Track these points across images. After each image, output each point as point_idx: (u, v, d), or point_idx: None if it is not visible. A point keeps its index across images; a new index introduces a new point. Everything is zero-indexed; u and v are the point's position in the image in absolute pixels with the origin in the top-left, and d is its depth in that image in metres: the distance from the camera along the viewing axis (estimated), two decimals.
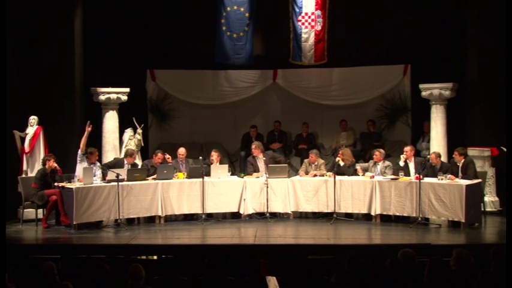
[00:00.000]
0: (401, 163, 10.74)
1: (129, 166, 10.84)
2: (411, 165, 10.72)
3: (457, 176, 10.29)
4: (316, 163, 11.30)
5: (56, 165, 10.49)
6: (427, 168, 10.48)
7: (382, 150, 11.09)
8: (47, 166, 10.43)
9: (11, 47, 11.42)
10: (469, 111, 12.48)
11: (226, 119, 14.06)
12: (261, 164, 11.25)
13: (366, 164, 11.27)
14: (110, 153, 11.85)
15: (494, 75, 11.72)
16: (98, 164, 10.85)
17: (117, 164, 10.85)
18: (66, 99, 12.12)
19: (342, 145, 12.75)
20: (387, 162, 10.98)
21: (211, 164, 11.14)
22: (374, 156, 10.99)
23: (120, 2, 13.48)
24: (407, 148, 10.85)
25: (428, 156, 10.80)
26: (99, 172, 10.62)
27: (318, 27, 12.74)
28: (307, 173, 11.22)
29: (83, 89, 12.48)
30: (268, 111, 14.14)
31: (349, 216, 10.85)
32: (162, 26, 13.54)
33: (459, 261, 5.55)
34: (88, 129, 10.59)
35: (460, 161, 10.44)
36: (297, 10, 12.75)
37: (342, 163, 10.94)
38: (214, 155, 11.30)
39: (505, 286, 5.13)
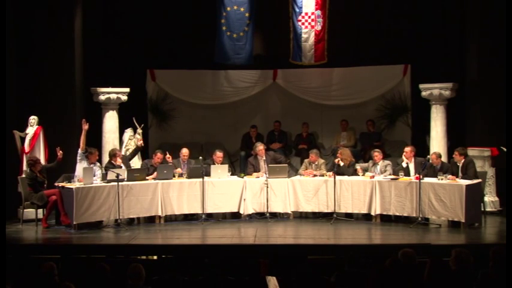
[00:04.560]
0: (404, 164, 10.75)
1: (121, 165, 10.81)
2: (411, 166, 10.73)
3: (457, 176, 10.29)
4: (316, 163, 11.30)
5: (41, 168, 10.50)
6: (427, 168, 10.47)
7: (379, 150, 11.09)
8: (34, 169, 10.44)
9: (11, 47, 11.42)
10: (469, 111, 12.48)
11: (226, 119, 14.05)
12: (262, 164, 11.23)
13: (366, 164, 11.27)
14: None
15: (494, 75, 11.72)
16: (98, 164, 10.86)
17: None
18: (67, 99, 12.12)
19: (341, 145, 12.74)
20: (387, 161, 10.98)
21: (216, 163, 11.13)
22: (374, 157, 10.98)
23: (120, 2, 13.49)
24: (408, 149, 10.84)
25: (428, 157, 10.80)
26: (99, 172, 10.62)
27: (318, 27, 12.74)
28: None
29: (83, 89, 12.49)
30: (268, 111, 14.13)
31: (349, 216, 10.85)
32: (162, 26, 13.53)
33: (459, 261, 5.55)
34: (85, 127, 10.60)
35: (460, 161, 10.44)
36: (297, 10, 12.75)
37: (341, 163, 10.94)
38: (220, 155, 11.27)
39: (505, 286, 5.13)
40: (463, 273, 5.47)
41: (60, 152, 10.54)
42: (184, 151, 11.30)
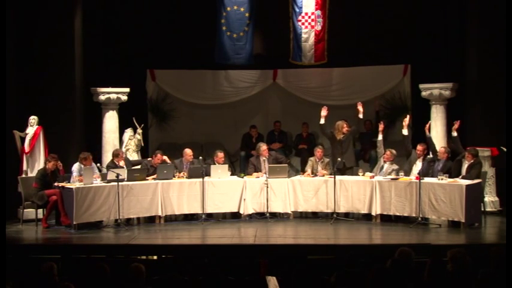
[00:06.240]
0: (405, 131, 10.96)
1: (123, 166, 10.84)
2: (419, 163, 10.66)
3: (458, 176, 10.31)
4: (322, 160, 11.29)
5: (57, 165, 10.50)
6: (428, 162, 10.47)
7: (393, 151, 10.93)
8: (47, 167, 10.44)
9: (11, 47, 11.42)
10: (469, 111, 12.48)
11: (226, 119, 14.04)
12: (264, 165, 11.23)
13: (381, 163, 11.16)
14: (110, 153, 11.82)
15: (494, 75, 11.72)
16: (96, 164, 10.86)
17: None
18: (66, 99, 12.12)
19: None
20: (396, 166, 10.89)
21: (218, 164, 11.13)
22: (385, 155, 10.95)
23: (120, 2, 13.49)
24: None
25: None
26: (97, 171, 10.64)
27: (318, 27, 12.74)
28: (314, 171, 11.16)
29: (83, 89, 12.48)
30: (268, 111, 14.12)
31: (348, 216, 10.84)
32: (162, 26, 13.54)
33: (454, 262, 5.55)
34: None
35: (469, 162, 10.42)
36: (297, 10, 12.74)
37: (338, 137, 11.10)
38: (222, 156, 11.27)
39: (505, 286, 5.13)
40: (461, 273, 5.47)
41: (60, 164, 10.58)
42: (189, 152, 11.27)
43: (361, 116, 11.34)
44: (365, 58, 13.56)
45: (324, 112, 11.32)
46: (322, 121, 11.35)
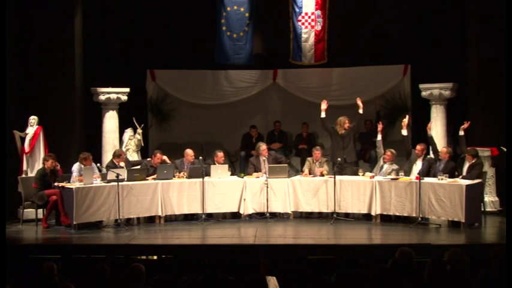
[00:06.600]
0: (404, 132, 10.96)
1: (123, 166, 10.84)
2: (419, 163, 10.67)
3: (459, 176, 10.31)
4: (320, 160, 11.30)
5: (55, 165, 10.50)
6: (429, 162, 10.46)
7: (394, 151, 10.95)
8: (45, 166, 10.45)
9: (11, 47, 11.42)
10: (469, 111, 12.47)
11: (226, 119, 14.04)
12: (264, 165, 11.23)
13: (381, 163, 11.19)
14: (110, 153, 11.82)
15: (494, 75, 11.72)
16: (96, 164, 10.85)
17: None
18: (66, 99, 12.12)
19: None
20: (396, 166, 10.91)
21: (218, 163, 11.13)
22: (385, 155, 10.96)
23: (120, 2, 13.49)
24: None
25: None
26: (97, 171, 10.64)
27: (318, 27, 12.74)
28: (311, 171, 11.18)
29: (83, 89, 12.49)
30: (268, 111, 14.13)
31: (348, 216, 10.85)
32: (162, 26, 13.54)
33: (453, 262, 5.55)
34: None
35: (471, 162, 10.42)
36: (297, 10, 12.74)
37: (340, 132, 11.07)
38: (221, 155, 11.28)
39: (505, 286, 5.13)
40: (460, 273, 5.47)
41: (57, 164, 10.60)
42: (190, 152, 11.26)
43: (361, 111, 11.32)
44: (365, 58, 13.57)
45: (323, 105, 11.32)
46: (323, 114, 11.36)
